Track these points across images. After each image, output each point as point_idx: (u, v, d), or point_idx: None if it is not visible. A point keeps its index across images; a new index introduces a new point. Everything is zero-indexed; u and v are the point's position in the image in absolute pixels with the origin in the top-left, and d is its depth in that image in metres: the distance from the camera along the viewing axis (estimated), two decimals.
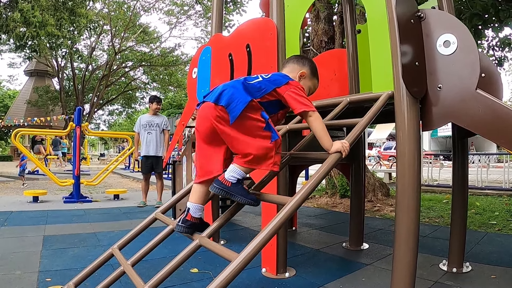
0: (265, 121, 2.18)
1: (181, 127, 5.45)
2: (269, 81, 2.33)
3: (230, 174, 2.19)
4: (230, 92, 2.16)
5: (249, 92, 2.20)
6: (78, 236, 4.90)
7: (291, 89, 2.29)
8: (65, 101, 33.90)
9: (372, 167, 18.01)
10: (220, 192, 2.19)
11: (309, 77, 2.59)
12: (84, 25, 19.52)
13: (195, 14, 31.87)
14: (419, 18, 2.87)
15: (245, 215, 6.60)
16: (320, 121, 2.30)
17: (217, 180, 2.20)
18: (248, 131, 2.14)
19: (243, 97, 2.14)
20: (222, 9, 4.85)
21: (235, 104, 2.11)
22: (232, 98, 2.13)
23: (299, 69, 2.56)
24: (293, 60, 2.63)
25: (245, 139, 2.14)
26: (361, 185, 4.56)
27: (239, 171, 2.19)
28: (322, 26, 8.76)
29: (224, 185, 2.18)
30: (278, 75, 2.43)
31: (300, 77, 2.54)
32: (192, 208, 2.33)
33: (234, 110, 2.11)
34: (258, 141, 2.14)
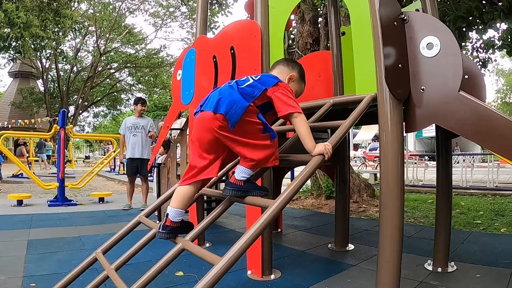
0: (262, 123, 2.24)
1: (165, 130, 5.42)
2: (259, 82, 2.36)
3: (240, 175, 2.27)
4: (228, 99, 2.20)
5: (245, 97, 2.23)
6: (63, 240, 4.85)
7: (279, 90, 2.33)
8: (49, 103, 33.58)
9: (357, 168, 18.10)
10: (236, 192, 2.27)
11: (297, 81, 2.63)
12: (69, 26, 19.34)
13: (180, 15, 31.79)
14: (403, 20, 2.88)
15: (230, 217, 6.59)
16: (305, 123, 2.32)
17: (229, 183, 2.29)
18: (248, 135, 2.20)
19: (241, 103, 2.19)
20: (206, 10, 4.84)
21: (234, 111, 2.16)
22: (230, 104, 2.17)
23: (289, 72, 2.60)
24: (282, 63, 2.66)
25: (248, 142, 2.20)
26: (346, 186, 4.58)
27: (247, 171, 2.28)
28: (307, 28, 8.79)
29: (238, 185, 2.27)
30: (268, 76, 2.47)
31: (289, 79, 2.58)
32: (172, 213, 2.31)
33: (233, 116, 2.15)
34: (259, 143, 2.22)
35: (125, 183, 9.11)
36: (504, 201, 8.03)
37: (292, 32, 9.87)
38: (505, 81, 44.76)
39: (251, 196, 2.30)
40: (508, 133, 2.42)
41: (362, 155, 25.21)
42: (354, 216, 6.70)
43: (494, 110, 2.54)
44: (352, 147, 34.90)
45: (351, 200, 7.61)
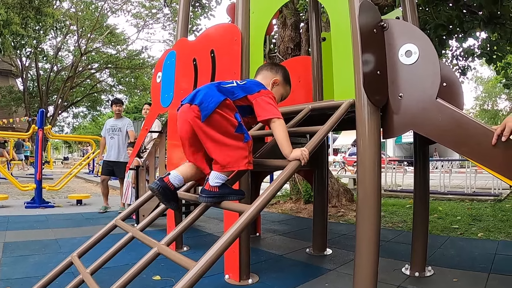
0: (237, 122, 2.24)
1: (144, 132, 5.39)
2: (242, 88, 2.39)
3: (214, 181, 2.25)
4: (204, 92, 2.24)
5: (223, 93, 2.26)
6: (39, 243, 4.78)
7: (260, 97, 2.36)
8: (28, 102, 33.05)
9: (337, 172, 18.20)
10: (211, 200, 2.27)
11: (282, 84, 2.70)
12: (50, 25, 19.13)
13: (163, 17, 31.63)
14: (382, 27, 2.90)
15: (209, 221, 6.57)
16: (283, 128, 2.34)
17: (204, 189, 2.28)
18: (220, 129, 2.20)
19: (216, 97, 2.21)
20: (188, 13, 4.83)
21: (207, 103, 2.18)
22: (205, 97, 2.20)
23: (272, 76, 2.66)
24: (266, 68, 2.72)
25: (219, 138, 2.20)
26: (324, 191, 4.59)
27: (221, 176, 2.26)
28: (288, 33, 8.83)
29: (212, 192, 2.26)
30: (252, 83, 2.49)
31: (273, 84, 2.64)
32: (172, 174, 2.36)
33: (206, 108, 2.17)
34: (231, 142, 2.22)
35: None
36: (481, 206, 8.14)
37: (274, 36, 9.90)
38: (483, 88, 45.45)
39: (227, 200, 2.29)
40: (484, 140, 2.45)
41: (342, 160, 25.41)
42: (333, 220, 6.72)
43: (470, 117, 2.58)
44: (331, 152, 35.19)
45: (330, 204, 7.65)
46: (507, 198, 9.47)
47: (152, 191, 2.38)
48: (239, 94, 2.34)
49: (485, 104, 46.09)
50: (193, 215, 2.36)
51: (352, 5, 2.81)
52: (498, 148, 2.39)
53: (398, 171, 12.68)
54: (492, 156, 2.45)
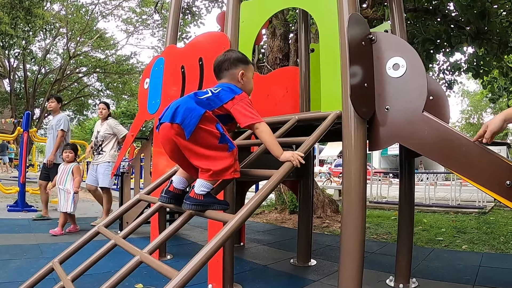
0: (220, 133, 2.24)
1: (130, 138, 5.35)
2: (217, 97, 2.38)
3: (200, 189, 2.25)
4: (183, 108, 2.21)
5: (202, 106, 2.25)
6: (21, 247, 4.71)
7: (237, 103, 2.35)
8: (15, 104, 32.74)
9: (323, 183, 18.24)
10: (195, 207, 2.26)
11: (246, 69, 2.63)
12: (40, 26, 19.03)
13: (153, 23, 31.62)
14: (371, 40, 2.92)
15: (193, 229, 6.52)
16: (268, 132, 2.35)
17: (189, 197, 2.27)
18: (204, 144, 2.20)
19: (196, 111, 2.19)
20: (178, 21, 4.83)
21: (189, 120, 2.16)
22: (186, 113, 2.18)
23: (237, 71, 2.59)
24: (225, 66, 2.62)
25: (204, 152, 2.21)
26: (309, 202, 4.59)
27: (206, 184, 2.26)
28: (277, 43, 8.87)
29: (197, 199, 2.25)
30: (225, 90, 2.45)
31: (241, 77, 2.58)
32: (176, 180, 2.42)
33: (189, 125, 2.16)
34: (216, 154, 2.22)
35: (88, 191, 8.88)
36: (466, 218, 8.21)
37: (263, 46, 9.93)
38: (469, 102, 46.00)
39: (211, 210, 2.28)
40: (468, 153, 2.48)
41: (328, 171, 25.48)
42: (318, 231, 6.72)
43: (455, 131, 2.60)
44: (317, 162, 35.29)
45: (315, 215, 7.65)
46: (491, 210, 9.56)
47: (164, 204, 2.44)
48: (215, 104, 2.34)
49: (471, 118, 46.64)
50: (177, 223, 2.34)
51: (341, 17, 2.84)
52: (482, 161, 2.42)
53: (383, 183, 12.75)
54: (476, 169, 2.48)
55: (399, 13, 3.95)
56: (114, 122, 6.95)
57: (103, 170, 6.58)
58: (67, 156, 6.00)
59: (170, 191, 2.40)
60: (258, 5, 3.62)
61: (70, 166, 5.96)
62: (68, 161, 6.03)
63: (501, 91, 12.32)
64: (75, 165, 6.03)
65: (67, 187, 5.86)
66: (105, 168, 6.59)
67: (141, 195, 2.94)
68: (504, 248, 5.30)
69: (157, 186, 3.00)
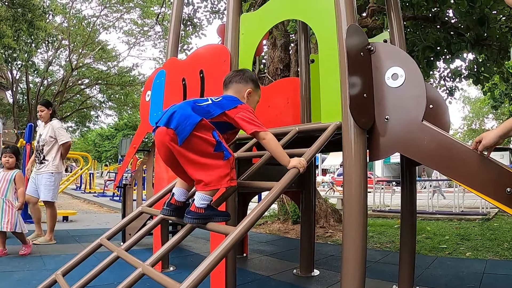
0: (216, 141, 2.23)
1: (132, 150, 5.36)
2: (218, 105, 2.39)
3: (200, 202, 2.24)
4: (179, 114, 2.21)
5: (199, 113, 2.26)
6: (23, 259, 4.74)
7: (240, 112, 2.37)
8: (18, 115, 32.85)
9: (325, 193, 18.20)
10: (196, 221, 2.25)
11: (254, 91, 2.67)
12: (43, 38, 19.11)
13: (154, 34, 31.77)
14: (369, 51, 2.94)
15: (196, 240, 6.52)
16: (274, 141, 2.38)
17: (190, 211, 2.26)
18: (199, 151, 2.20)
19: (191, 119, 2.19)
20: (179, 33, 4.86)
21: (183, 126, 2.16)
22: (180, 120, 2.18)
23: (245, 88, 2.63)
24: (235, 80, 2.67)
25: (198, 160, 2.20)
26: (311, 212, 4.60)
27: (205, 197, 2.24)
28: (278, 54, 8.91)
29: (198, 213, 2.24)
30: (227, 99, 2.48)
31: (247, 95, 2.61)
32: (177, 193, 2.41)
33: (182, 132, 2.16)
34: (210, 162, 2.21)
35: (91, 202, 8.92)
36: (469, 225, 8.18)
37: (264, 57, 9.98)
38: (471, 108, 45.94)
39: (213, 222, 2.29)
40: (468, 161, 2.49)
41: (330, 180, 25.41)
42: (321, 241, 6.71)
43: (455, 139, 2.61)
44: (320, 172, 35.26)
45: (318, 225, 7.64)
46: (495, 217, 9.52)
47: (166, 217, 2.45)
48: (215, 112, 2.35)
49: (472, 124, 46.55)
50: (179, 235, 2.35)
51: (339, 28, 2.86)
52: (481, 169, 2.43)
53: (386, 191, 12.73)
54: (475, 177, 2.48)
55: (397, 21, 3.98)
56: (58, 124, 6.28)
57: (44, 181, 6.00)
58: (7, 161, 5.24)
59: (172, 204, 2.40)
60: (257, 18, 3.65)
61: (11, 173, 5.17)
62: (8, 168, 5.25)
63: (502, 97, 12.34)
64: (17, 172, 5.22)
65: (9, 198, 5.03)
66: (47, 179, 6.00)
67: (143, 208, 2.95)
68: (508, 254, 5.29)
69: (159, 199, 3.01)
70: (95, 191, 19.57)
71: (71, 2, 30.14)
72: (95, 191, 19.54)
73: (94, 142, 52.01)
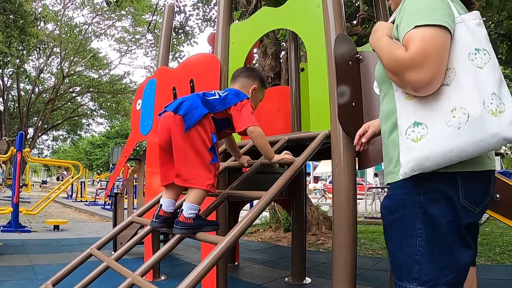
0: (212, 143, 2.28)
1: (123, 159, 5.36)
2: (223, 101, 2.43)
3: (188, 212, 2.23)
4: (189, 103, 2.28)
5: (206, 106, 2.31)
6: (14, 269, 4.68)
7: (239, 108, 2.41)
8: (8, 123, 32.69)
9: (317, 200, 18.22)
10: (185, 231, 2.24)
11: (260, 89, 2.72)
12: (34, 45, 19.10)
13: (146, 42, 31.81)
14: (358, 59, 2.95)
15: (187, 249, 6.50)
16: (262, 135, 2.42)
17: (178, 221, 2.25)
18: (194, 145, 2.23)
19: (199, 109, 2.26)
20: (169, 42, 4.89)
21: (191, 115, 2.22)
22: (190, 108, 2.25)
23: (251, 83, 2.67)
24: (244, 75, 2.71)
25: (190, 154, 2.23)
26: (302, 220, 4.61)
27: (193, 206, 2.24)
28: (269, 62, 8.94)
29: (187, 223, 2.23)
30: (232, 94, 2.51)
31: (252, 91, 2.65)
32: (164, 204, 2.39)
33: (190, 119, 2.22)
34: (199, 159, 2.24)
35: (82, 210, 8.87)
36: None
37: (255, 65, 10.01)
38: None
39: (202, 231, 2.30)
40: None
41: (322, 188, 25.45)
42: (313, 248, 6.72)
43: None
44: (312, 179, 35.27)
45: (310, 232, 7.64)
46: (486, 221, 9.58)
47: (156, 229, 2.42)
48: (219, 108, 2.39)
49: None
50: (169, 244, 2.35)
51: (328, 37, 2.88)
52: None
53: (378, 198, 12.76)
54: None
55: None
56: None
57: None
58: None
59: (160, 215, 2.38)
60: (247, 27, 3.68)
61: None
62: None
63: None
64: None
65: None
66: None
67: (133, 217, 2.95)
68: (499, 259, 5.32)
69: (150, 208, 3.01)
70: (86, 200, 19.50)
71: (63, 9, 30.16)
72: (87, 200, 19.47)
73: (86, 150, 51.83)
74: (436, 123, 1.43)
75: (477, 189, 1.51)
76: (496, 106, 1.36)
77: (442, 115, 1.42)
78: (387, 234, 1.70)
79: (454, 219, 1.48)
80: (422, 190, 1.52)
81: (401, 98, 1.56)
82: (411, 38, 1.44)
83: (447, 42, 1.43)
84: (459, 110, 1.38)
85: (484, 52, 1.43)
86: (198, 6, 12.19)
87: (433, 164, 1.42)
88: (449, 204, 1.48)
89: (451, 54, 1.45)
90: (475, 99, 1.37)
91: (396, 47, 1.50)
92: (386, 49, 1.54)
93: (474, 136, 1.35)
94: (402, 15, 1.54)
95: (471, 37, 1.46)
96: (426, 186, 1.51)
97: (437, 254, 1.49)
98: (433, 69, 1.39)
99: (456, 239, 1.49)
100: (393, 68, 1.51)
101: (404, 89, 1.53)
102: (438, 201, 1.49)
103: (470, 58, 1.43)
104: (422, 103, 1.48)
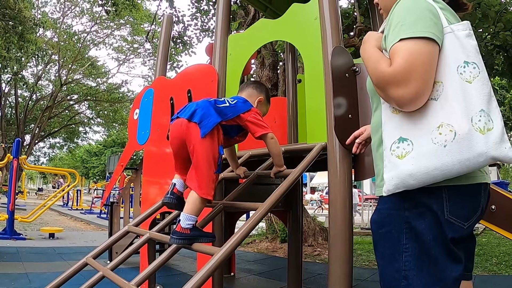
0: (219, 154, 2.33)
1: (120, 168, 5.35)
2: (233, 108, 2.48)
3: (185, 223, 2.24)
4: (203, 111, 2.32)
5: (219, 114, 2.36)
6: (8, 276, 4.66)
7: (251, 115, 2.48)
8: (5, 130, 32.62)
9: (314, 211, 18.18)
10: (183, 242, 2.25)
11: (264, 103, 2.81)
12: (32, 52, 19.15)
13: (144, 51, 31.88)
14: (354, 72, 2.97)
15: (183, 259, 6.47)
16: (278, 144, 2.57)
17: (175, 231, 2.26)
18: (206, 154, 2.26)
19: (213, 117, 2.31)
20: (167, 52, 4.91)
21: (207, 122, 2.27)
22: (204, 116, 2.29)
23: (258, 95, 2.76)
24: (252, 86, 2.82)
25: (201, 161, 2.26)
26: (298, 232, 4.59)
27: (191, 217, 2.25)
28: (266, 73, 8.97)
29: (184, 234, 2.24)
30: (241, 102, 2.57)
31: (258, 102, 2.73)
32: (178, 183, 2.44)
33: (206, 126, 2.26)
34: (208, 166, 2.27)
35: (77, 219, 8.84)
36: None
37: (252, 75, 10.04)
38: None
39: (200, 242, 2.30)
40: None
41: (319, 198, 25.38)
42: (309, 260, 6.70)
43: None
44: (309, 190, 35.23)
45: (306, 243, 7.63)
46: (483, 232, 9.57)
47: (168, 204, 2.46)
48: (230, 115, 2.43)
49: None
50: (165, 254, 2.35)
51: (325, 49, 2.90)
52: None
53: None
54: None
55: None
56: None
57: None
58: None
59: (174, 192, 2.42)
60: (245, 38, 3.70)
61: None
62: None
63: None
64: None
65: None
66: None
67: (129, 227, 2.95)
68: (497, 269, 5.32)
69: (146, 218, 3.01)
70: (82, 208, 19.43)
71: (62, 17, 30.24)
72: (82, 208, 19.39)
73: (82, 158, 51.74)
74: (421, 140, 1.41)
75: (464, 204, 1.48)
76: (485, 124, 1.34)
77: (428, 131, 1.40)
78: (376, 249, 1.67)
79: (439, 235, 1.45)
80: (407, 205, 1.51)
81: (387, 112, 1.54)
82: (395, 52, 1.41)
83: (434, 54, 1.40)
84: (445, 127, 1.36)
85: (473, 65, 1.40)
86: (197, 17, 12.24)
87: (417, 182, 1.40)
88: (434, 219, 1.46)
89: (439, 66, 1.43)
90: (463, 116, 1.35)
91: (380, 61, 1.47)
92: (371, 62, 1.53)
93: (461, 155, 1.33)
94: (390, 25, 1.52)
95: (460, 48, 1.43)
96: (412, 201, 1.50)
97: (424, 269, 1.47)
98: (418, 85, 1.36)
99: (442, 254, 1.46)
100: (377, 83, 1.49)
101: (389, 103, 1.51)
102: (423, 216, 1.48)
103: (459, 72, 1.40)
104: (408, 118, 1.46)
